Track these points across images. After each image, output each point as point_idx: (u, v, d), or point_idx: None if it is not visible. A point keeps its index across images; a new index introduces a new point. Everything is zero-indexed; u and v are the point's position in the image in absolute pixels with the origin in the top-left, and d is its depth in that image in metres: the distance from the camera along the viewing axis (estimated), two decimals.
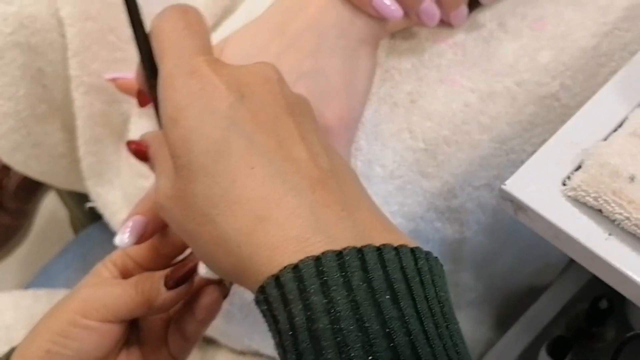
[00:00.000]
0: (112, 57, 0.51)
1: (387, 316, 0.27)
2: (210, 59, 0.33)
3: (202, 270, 0.38)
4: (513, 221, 0.57)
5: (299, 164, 0.31)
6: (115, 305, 0.40)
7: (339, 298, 0.27)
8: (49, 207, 1.13)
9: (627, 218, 0.36)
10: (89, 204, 0.57)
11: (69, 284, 0.43)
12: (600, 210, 0.37)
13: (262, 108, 0.32)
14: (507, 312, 0.70)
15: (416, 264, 0.28)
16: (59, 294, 0.44)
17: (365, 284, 0.27)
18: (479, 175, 0.50)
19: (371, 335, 0.26)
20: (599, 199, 0.37)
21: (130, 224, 0.40)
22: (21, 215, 1.08)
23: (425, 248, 0.52)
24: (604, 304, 0.65)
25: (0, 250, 1.04)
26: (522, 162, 0.51)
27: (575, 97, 0.51)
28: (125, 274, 0.43)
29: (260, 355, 0.60)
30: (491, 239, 0.56)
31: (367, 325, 0.26)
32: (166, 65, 0.33)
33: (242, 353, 0.60)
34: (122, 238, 0.40)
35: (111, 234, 0.67)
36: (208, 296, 0.41)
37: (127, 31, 0.52)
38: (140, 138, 0.37)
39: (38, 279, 0.68)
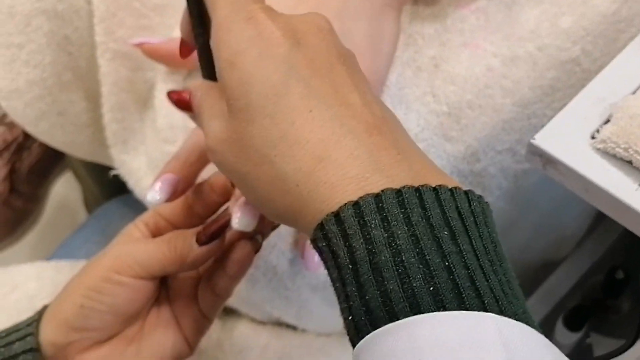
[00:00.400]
0: (137, 24, 0.52)
1: (446, 250, 0.27)
2: (265, 7, 0.34)
3: (236, 222, 0.38)
4: (533, 189, 0.58)
5: (355, 109, 0.32)
6: (148, 262, 0.41)
7: (399, 232, 0.27)
8: (60, 192, 1.14)
9: None
10: (113, 172, 0.57)
11: (90, 257, 0.43)
12: (630, 162, 0.38)
13: (317, 55, 0.33)
14: (523, 285, 0.70)
15: (470, 205, 0.29)
16: (82, 265, 0.45)
17: (424, 220, 0.28)
18: (502, 139, 0.51)
19: (432, 267, 0.27)
20: (630, 150, 0.37)
21: (161, 181, 0.41)
22: (33, 199, 1.08)
23: None
24: (620, 275, 0.66)
25: (12, 234, 1.04)
26: (543, 126, 0.52)
27: (596, 61, 0.51)
28: (157, 234, 0.43)
29: (281, 324, 0.60)
30: (511, 206, 0.57)
31: (428, 257, 0.27)
32: (222, 11, 0.33)
33: (262, 323, 0.61)
34: (154, 195, 0.41)
35: (129, 208, 0.67)
36: (240, 250, 0.42)
37: None
38: (184, 87, 0.37)
39: (58, 253, 0.68)
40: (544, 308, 0.70)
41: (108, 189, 0.71)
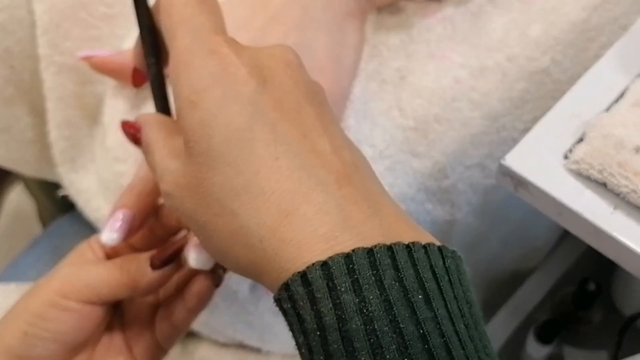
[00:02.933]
0: (85, 35, 0.48)
1: (421, 317, 0.25)
2: (229, 39, 0.32)
3: (192, 261, 0.36)
4: (502, 203, 0.56)
5: (324, 157, 0.30)
6: (99, 286, 0.38)
7: (371, 297, 0.25)
8: (15, 202, 1.09)
9: (634, 190, 0.35)
10: (61, 192, 0.54)
11: (41, 278, 0.40)
12: (604, 184, 0.36)
13: (284, 95, 0.31)
14: (493, 297, 0.69)
15: (444, 262, 0.27)
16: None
17: (397, 283, 0.26)
18: (471, 154, 0.49)
19: (406, 337, 0.25)
20: (604, 172, 0.35)
21: (117, 218, 0.38)
22: None
23: None
24: (591, 286, 0.64)
25: None
26: (514, 139, 0.50)
27: (566, 72, 0.50)
28: (113, 255, 0.41)
29: (244, 346, 0.58)
30: (481, 221, 0.55)
31: (402, 326, 0.25)
32: (181, 41, 0.31)
33: (224, 345, 0.58)
34: (110, 235, 0.38)
35: (83, 224, 0.64)
36: (200, 284, 0.39)
37: (99, 7, 0.50)
38: (136, 118, 0.35)
39: (7, 274, 0.65)
40: (514, 321, 0.69)
41: (61, 204, 0.67)
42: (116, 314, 0.42)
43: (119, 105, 0.48)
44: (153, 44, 0.34)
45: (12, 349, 0.38)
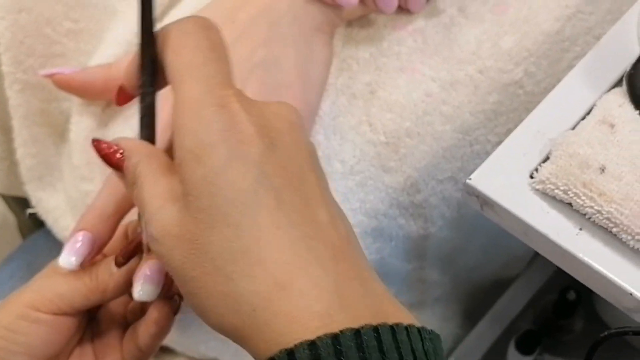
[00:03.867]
0: (48, 52, 0.47)
1: None
2: (239, 93, 0.31)
3: (137, 294, 0.35)
4: (478, 214, 0.55)
5: (322, 229, 0.29)
6: (70, 294, 0.37)
7: None
8: None
9: (599, 211, 0.34)
10: (29, 210, 0.53)
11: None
12: (570, 204, 0.35)
13: (289, 160, 0.30)
14: (474, 307, 0.69)
15: (423, 345, 0.28)
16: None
17: None
18: (443, 168, 0.48)
19: None
20: (569, 192, 0.35)
21: (75, 241, 0.37)
22: None
23: (389, 246, 0.51)
24: (572, 296, 0.64)
25: None
26: (487, 153, 0.49)
27: (540, 84, 0.49)
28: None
29: None
30: (456, 234, 0.54)
31: None
32: (190, 91, 0.30)
33: None
34: (68, 259, 0.37)
35: (57, 240, 0.63)
36: (157, 312, 0.38)
37: (64, 23, 0.49)
38: (115, 141, 0.33)
39: None
40: (495, 331, 0.68)
41: (36, 219, 0.67)
42: (87, 331, 0.41)
43: (86, 122, 0.47)
44: (152, 73, 0.33)
45: None
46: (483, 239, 0.60)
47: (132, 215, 0.40)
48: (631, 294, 0.33)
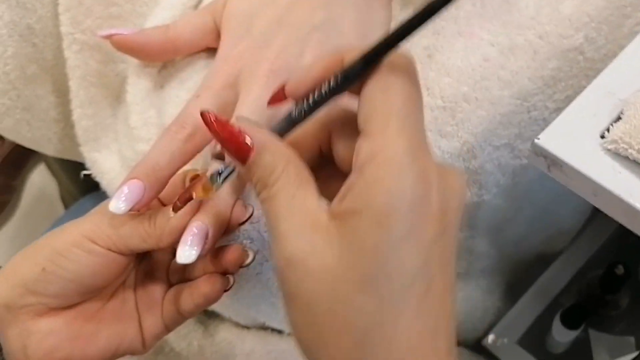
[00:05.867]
0: (106, 13, 0.48)
1: None
2: (431, 159, 0.30)
3: (181, 258, 0.36)
4: (531, 184, 0.55)
5: (447, 320, 0.30)
6: (128, 233, 0.38)
7: None
8: (37, 183, 1.10)
9: None
10: (84, 172, 0.53)
11: None
12: None
13: (449, 246, 0.30)
14: (518, 281, 0.68)
15: None
16: None
17: None
18: (500, 134, 0.48)
19: None
20: None
21: (125, 188, 0.37)
22: (8, 191, 1.05)
23: None
24: (619, 270, 0.63)
25: None
26: (545, 119, 0.48)
27: (600, 50, 0.48)
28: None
29: (266, 328, 0.57)
30: (508, 203, 0.54)
31: None
32: (396, 144, 0.28)
33: (246, 327, 0.58)
34: (117, 204, 0.37)
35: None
36: (209, 286, 0.39)
37: None
38: (243, 125, 0.31)
39: None
40: (540, 305, 0.68)
41: (83, 184, 0.67)
42: (132, 278, 0.42)
43: (142, 83, 0.47)
44: (344, 86, 0.31)
45: (27, 282, 0.38)
46: (532, 210, 0.60)
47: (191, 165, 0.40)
48: None
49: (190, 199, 0.37)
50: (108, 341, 0.39)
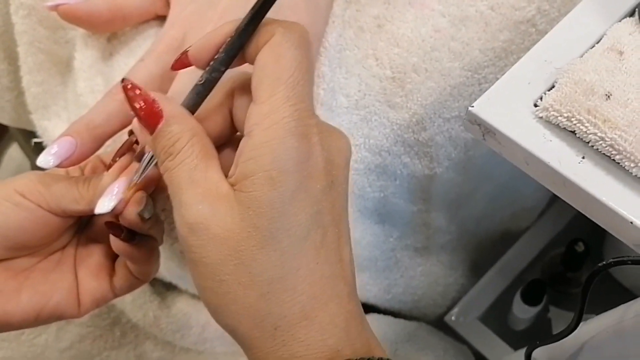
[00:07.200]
0: None
1: None
2: (319, 122, 0.32)
3: (98, 208, 0.36)
4: (487, 159, 0.55)
5: (345, 268, 0.32)
6: (60, 192, 0.37)
7: None
8: (15, 159, 1.09)
9: (602, 138, 0.33)
10: (34, 140, 0.53)
11: None
12: (573, 132, 0.34)
13: (339, 199, 0.32)
14: (481, 258, 0.68)
15: None
16: None
17: None
18: (450, 106, 0.47)
19: None
20: (572, 119, 0.34)
21: (55, 145, 0.37)
22: None
23: (394, 185, 0.50)
24: (580, 247, 0.63)
25: None
26: (483, 93, 0.48)
27: (552, 22, 0.48)
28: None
29: None
30: (464, 177, 0.53)
31: None
32: (280, 110, 0.30)
33: None
34: (46, 158, 0.37)
35: None
36: (115, 242, 0.38)
37: None
38: (156, 96, 0.32)
39: None
40: (503, 282, 0.68)
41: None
42: (77, 245, 0.41)
43: (90, 52, 0.47)
44: (234, 56, 0.32)
45: None
46: (491, 186, 0.59)
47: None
48: (631, 222, 0.32)
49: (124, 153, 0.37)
50: (31, 300, 0.39)
